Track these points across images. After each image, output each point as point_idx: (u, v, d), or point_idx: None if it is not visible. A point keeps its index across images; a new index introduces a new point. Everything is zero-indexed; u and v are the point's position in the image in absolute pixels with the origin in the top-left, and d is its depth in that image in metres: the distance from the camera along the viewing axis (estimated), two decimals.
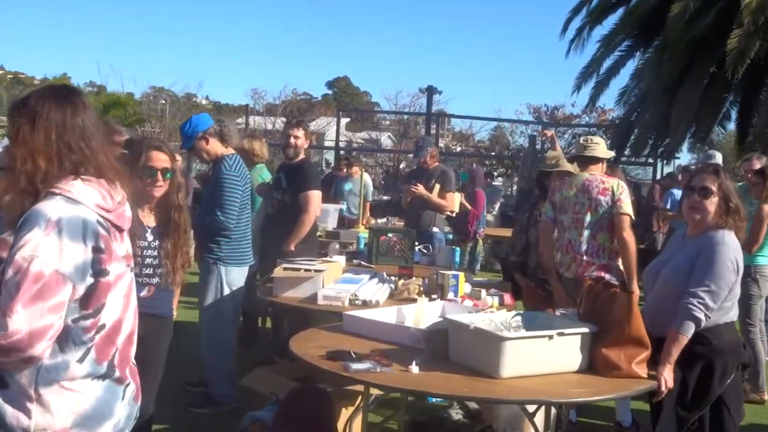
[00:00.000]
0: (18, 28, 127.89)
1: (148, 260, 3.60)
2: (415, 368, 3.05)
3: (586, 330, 3.16)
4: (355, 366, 3.04)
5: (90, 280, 2.03)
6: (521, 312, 3.68)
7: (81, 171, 2.09)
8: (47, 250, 1.93)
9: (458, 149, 33.01)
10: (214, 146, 5.15)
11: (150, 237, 3.60)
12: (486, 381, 2.98)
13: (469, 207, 9.95)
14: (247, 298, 5.60)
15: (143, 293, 3.62)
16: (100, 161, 2.14)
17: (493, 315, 3.45)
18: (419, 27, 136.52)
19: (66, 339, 2.02)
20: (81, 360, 2.06)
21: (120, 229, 2.19)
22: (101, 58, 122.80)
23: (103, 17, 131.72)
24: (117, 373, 2.15)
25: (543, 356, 3.07)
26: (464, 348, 3.16)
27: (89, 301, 2.04)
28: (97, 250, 2.04)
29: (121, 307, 2.17)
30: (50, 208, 1.99)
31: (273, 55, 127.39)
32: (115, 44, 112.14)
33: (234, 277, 5.18)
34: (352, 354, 3.18)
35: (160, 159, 3.59)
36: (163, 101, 38.06)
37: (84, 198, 2.05)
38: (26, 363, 1.95)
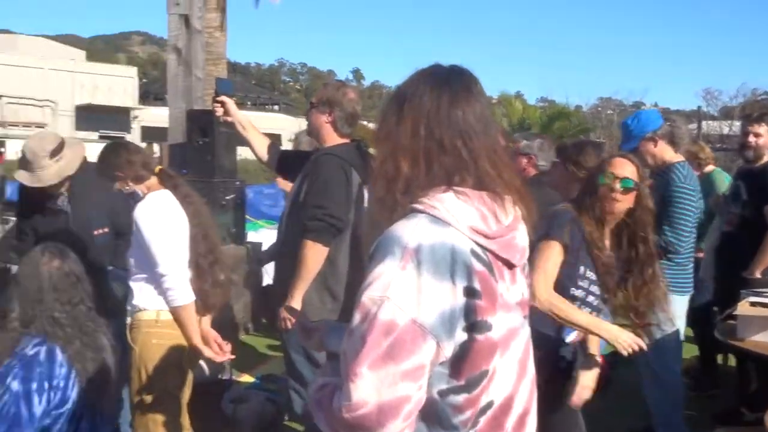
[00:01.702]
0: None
1: (590, 297, 2.99)
2: None
3: None
4: None
5: (462, 336, 1.41)
6: None
7: (455, 180, 1.49)
8: (402, 291, 1.37)
9: None
10: (663, 150, 4.34)
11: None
12: None
13: None
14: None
15: (571, 338, 3.02)
16: (482, 168, 1.51)
17: None
18: None
19: (431, 420, 1.44)
20: None
21: (509, 265, 1.52)
22: (548, 74, 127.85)
23: (548, 41, 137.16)
24: None
25: None
26: None
27: (461, 368, 1.42)
28: (470, 292, 1.41)
29: (514, 376, 1.52)
30: (408, 230, 1.42)
31: (729, 51, 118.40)
32: (562, 61, 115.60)
33: (677, 307, 4.28)
34: None
35: (623, 166, 3.00)
36: (610, 111, 37.72)
37: (454, 218, 1.44)
38: None
